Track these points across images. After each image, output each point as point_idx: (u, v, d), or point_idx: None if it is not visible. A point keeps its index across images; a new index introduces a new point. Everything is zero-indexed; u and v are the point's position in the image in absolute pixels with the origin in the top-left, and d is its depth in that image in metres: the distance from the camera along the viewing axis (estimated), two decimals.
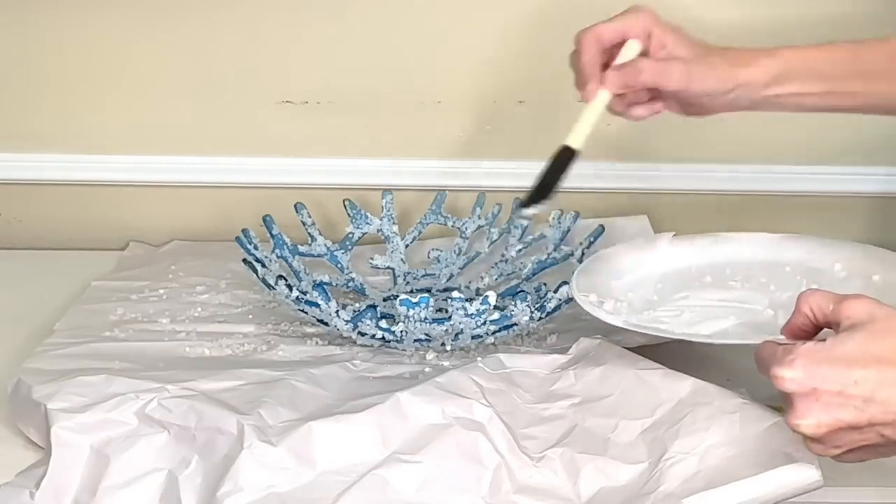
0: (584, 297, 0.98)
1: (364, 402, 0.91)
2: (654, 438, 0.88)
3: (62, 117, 1.33)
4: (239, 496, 0.83)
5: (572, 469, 0.87)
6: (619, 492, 0.85)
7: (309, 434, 0.87)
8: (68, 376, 0.93)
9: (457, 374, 0.95)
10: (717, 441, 0.86)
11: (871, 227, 1.38)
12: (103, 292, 1.17)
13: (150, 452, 0.87)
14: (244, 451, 0.86)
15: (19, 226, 1.37)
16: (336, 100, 1.32)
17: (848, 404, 0.74)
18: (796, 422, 0.75)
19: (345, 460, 0.87)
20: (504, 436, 0.89)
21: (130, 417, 0.89)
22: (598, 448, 0.89)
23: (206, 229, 1.34)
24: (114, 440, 0.87)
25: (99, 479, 0.85)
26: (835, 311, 0.78)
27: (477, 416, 0.90)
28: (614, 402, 0.92)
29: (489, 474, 0.87)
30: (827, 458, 0.79)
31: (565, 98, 1.30)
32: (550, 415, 0.93)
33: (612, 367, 0.95)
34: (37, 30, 1.30)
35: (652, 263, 1.08)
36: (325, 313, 1.02)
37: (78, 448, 0.87)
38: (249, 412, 0.89)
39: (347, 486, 0.85)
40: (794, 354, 0.75)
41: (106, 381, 0.92)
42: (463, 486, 0.86)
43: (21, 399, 0.94)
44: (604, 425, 0.90)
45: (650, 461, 0.86)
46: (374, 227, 1.22)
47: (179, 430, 0.88)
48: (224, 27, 1.30)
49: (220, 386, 0.94)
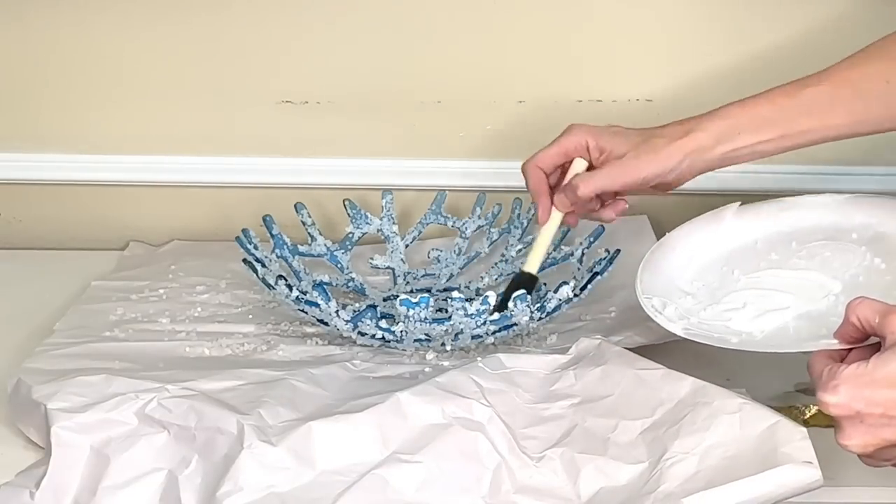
0: (647, 300, 0.98)
1: (364, 401, 0.91)
2: (654, 438, 0.88)
3: (62, 117, 1.33)
4: (239, 496, 0.83)
5: (572, 469, 0.87)
6: (619, 492, 0.85)
7: (309, 434, 0.87)
8: (68, 376, 0.93)
9: (457, 374, 0.95)
10: (717, 441, 0.86)
11: None
12: (103, 292, 1.17)
13: (150, 452, 0.87)
14: (244, 451, 0.86)
15: (19, 226, 1.37)
16: (336, 100, 1.32)
17: (892, 424, 0.76)
18: (845, 443, 0.78)
19: (345, 460, 0.87)
20: (504, 436, 0.89)
21: (130, 417, 0.89)
22: (598, 448, 0.89)
23: (206, 229, 1.34)
24: (114, 440, 0.87)
25: (99, 478, 0.85)
26: (881, 325, 0.79)
27: (477, 416, 0.90)
28: (614, 402, 0.92)
29: (489, 474, 0.87)
30: (822, 457, 0.81)
31: (565, 98, 1.30)
32: (550, 415, 0.93)
33: (612, 366, 0.95)
34: (37, 30, 1.30)
35: (718, 242, 1.07)
36: (325, 313, 1.02)
37: (78, 448, 0.87)
38: (249, 412, 0.89)
39: (347, 485, 0.85)
40: (837, 380, 0.77)
41: (106, 381, 0.92)
42: (463, 487, 0.86)
43: (21, 399, 0.94)
44: (604, 425, 0.90)
45: (650, 461, 0.86)
46: (374, 227, 1.22)
47: (179, 429, 0.88)
48: (224, 27, 1.30)
49: (220, 386, 0.94)
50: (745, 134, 1.00)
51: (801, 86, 1.00)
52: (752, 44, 1.29)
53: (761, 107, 1.00)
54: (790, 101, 1.00)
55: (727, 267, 1.04)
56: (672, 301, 0.99)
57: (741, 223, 1.08)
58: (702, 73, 1.30)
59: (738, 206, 1.09)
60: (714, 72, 1.29)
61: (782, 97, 1.00)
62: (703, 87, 1.22)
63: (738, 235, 1.07)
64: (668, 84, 1.30)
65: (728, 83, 1.03)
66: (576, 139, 1.04)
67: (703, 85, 1.25)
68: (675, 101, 1.22)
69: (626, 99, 1.31)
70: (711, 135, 1.00)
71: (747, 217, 1.09)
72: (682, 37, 1.30)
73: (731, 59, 1.29)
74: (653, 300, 0.98)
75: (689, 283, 1.03)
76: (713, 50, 1.29)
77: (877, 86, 0.99)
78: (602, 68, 1.31)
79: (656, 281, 1.01)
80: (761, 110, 1.00)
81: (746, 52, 1.28)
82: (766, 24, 1.28)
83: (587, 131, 1.04)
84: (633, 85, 1.31)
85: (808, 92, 0.99)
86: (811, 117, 1.00)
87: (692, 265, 1.05)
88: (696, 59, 1.30)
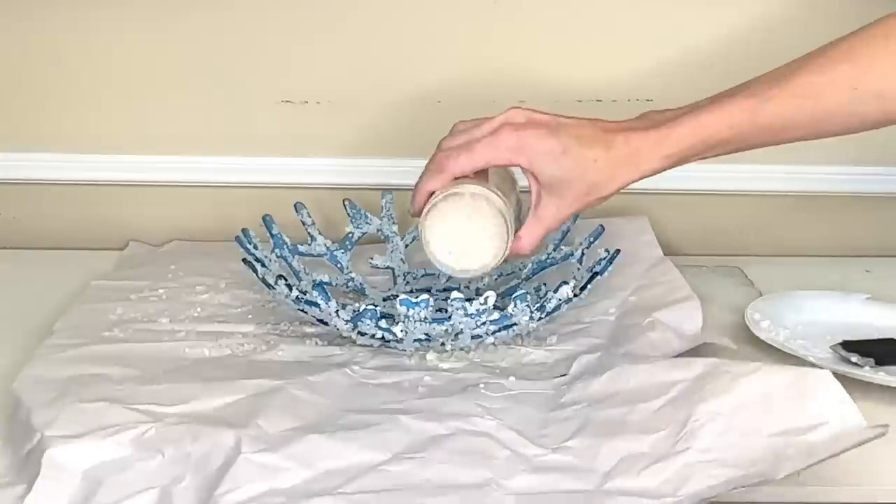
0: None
1: (364, 418, 0.91)
2: (675, 408, 0.88)
3: (62, 117, 1.33)
4: (238, 493, 0.82)
5: (590, 451, 0.87)
6: (642, 458, 0.85)
7: (309, 443, 0.87)
8: (66, 398, 0.91)
9: (458, 400, 0.95)
10: (743, 401, 0.86)
11: (871, 228, 1.38)
12: (103, 292, 1.16)
13: (144, 474, 0.84)
14: (241, 456, 0.85)
15: (19, 225, 1.36)
16: (336, 100, 1.32)
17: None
18: None
19: (346, 461, 0.86)
20: (514, 437, 0.89)
21: (126, 446, 0.86)
22: (616, 430, 0.88)
23: (206, 229, 1.34)
24: (106, 464, 0.84)
25: (89, 497, 0.82)
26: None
27: (482, 427, 0.90)
28: (626, 394, 0.92)
29: (502, 460, 0.86)
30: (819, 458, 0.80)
31: (565, 98, 1.30)
32: (562, 418, 0.92)
33: (619, 370, 0.95)
34: (37, 29, 1.30)
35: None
36: (325, 313, 1.02)
37: (69, 473, 0.83)
38: (247, 425, 0.89)
39: (350, 478, 0.84)
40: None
41: (104, 409, 0.90)
42: (474, 469, 0.85)
43: (18, 421, 0.91)
44: (618, 412, 0.90)
45: (674, 427, 0.86)
46: (374, 227, 1.22)
47: (175, 451, 0.86)
48: (224, 27, 1.30)
49: (220, 402, 0.93)
50: (697, 157, 0.98)
51: (762, 100, 0.96)
52: (752, 43, 1.29)
53: (718, 130, 0.96)
54: (750, 120, 0.96)
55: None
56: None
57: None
58: (702, 73, 1.30)
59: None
60: (714, 71, 1.29)
61: (741, 114, 0.96)
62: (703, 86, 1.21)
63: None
64: (668, 84, 1.30)
65: (728, 83, 1.02)
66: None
67: (703, 84, 1.24)
68: (674, 100, 1.21)
69: (626, 99, 1.31)
70: (663, 164, 0.98)
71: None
72: (682, 37, 1.30)
73: (732, 59, 1.29)
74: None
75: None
76: (713, 50, 1.29)
77: (843, 93, 0.95)
78: (602, 68, 1.31)
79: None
80: (717, 131, 0.96)
81: (747, 52, 1.28)
82: (767, 24, 1.28)
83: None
84: (633, 85, 1.31)
85: (769, 108, 0.96)
86: (771, 134, 0.97)
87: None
88: (697, 59, 1.30)
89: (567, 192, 0.97)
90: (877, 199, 1.37)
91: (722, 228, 1.38)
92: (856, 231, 1.38)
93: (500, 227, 0.98)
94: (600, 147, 0.97)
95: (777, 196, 1.37)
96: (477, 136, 0.99)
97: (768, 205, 1.37)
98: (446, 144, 1.01)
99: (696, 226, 1.37)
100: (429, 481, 0.83)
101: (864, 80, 0.94)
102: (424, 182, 1.00)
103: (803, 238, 1.38)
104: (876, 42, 0.95)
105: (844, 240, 1.38)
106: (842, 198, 1.37)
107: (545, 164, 0.97)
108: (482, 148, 0.98)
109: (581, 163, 0.96)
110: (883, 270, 1.31)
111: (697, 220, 1.37)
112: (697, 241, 1.37)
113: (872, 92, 0.94)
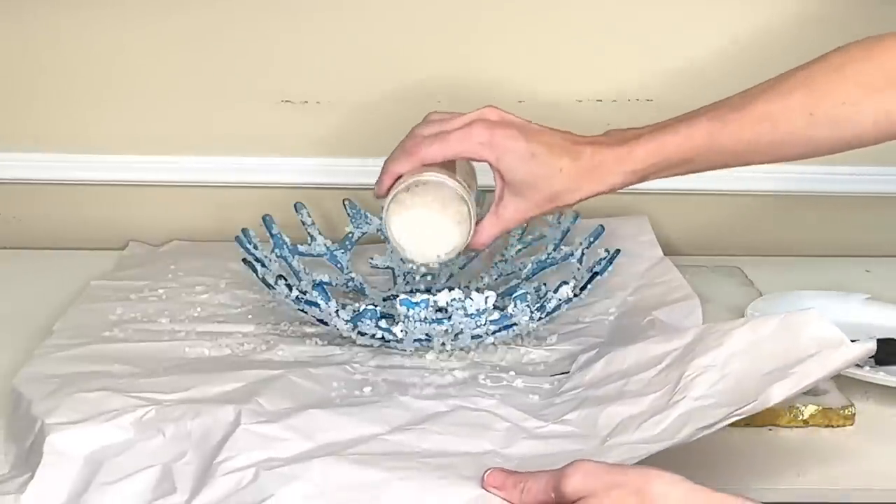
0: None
1: (363, 399, 0.93)
2: (669, 371, 0.90)
3: (61, 117, 1.33)
4: (237, 460, 0.82)
5: (590, 419, 0.89)
6: (640, 416, 0.87)
7: (308, 416, 0.88)
8: (67, 388, 0.92)
9: (458, 388, 0.97)
10: (734, 351, 0.88)
11: (871, 228, 1.38)
12: (103, 292, 1.16)
13: (145, 453, 0.85)
14: (241, 427, 0.86)
15: (18, 225, 1.36)
16: (336, 100, 1.32)
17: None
18: None
19: (347, 435, 0.87)
20: (515, 413, 0.91)
21: (127, 428, 0.87)
22: (613, 398, 0.90)
23: (206, 229, 1.34)
24: (108, 447, 0.85)
25: (89, 481, 0.82)
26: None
27: (482, 405, 0.92)
28: (622, 371, 0.94)
29: (502, 432, 0.88)
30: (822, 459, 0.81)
31: (565, 98, 1.30)
32: (561, 400, 0.94)
33: (613, 354, 0.97)
34: (36, 29, 1.30)
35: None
36: (325, 313, 1.02)
37: (70, 458, 0.84)
38: (248, 402, 0.89)
39: (350, 446, 0.85)
40: None
41: (104, 398, 0.90)
42: (473, 434, 0.87)
43: (20, 414, 0.92)
44: (615, 385, 0.92)
45: (669, 385, 0.88)
46: (373, 227, 1.22)
47: (176, 429, 0.87)
48: (224, 27, 1.30)
49: (219, 390, 0.93)
50: (660, 174, 1.00)
51: (721, 124, 0.97)
52: (751, 45, 1.29)
53: (679, 150, 0.98)
54: (709, 142, 0.97)
55: None
56: None
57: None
58: (702, 73, 1.30)
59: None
60: (714, 72, 1.29)
61: (701, 136, 0.97)
62: (702, 86, 1.21)
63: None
64: (669, 84, 1.30)
65: (727, 83, 1.02)
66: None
67: (703, 85, 1.25)
68: (675, 101, 1.21)
69: (626, 99, 1.31)
70: (627, 179, 0.99)
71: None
72: (682, 37, 1.30)
73: (731, 60, 1.29)
74: None
75: None
76: (713, 50, 1.30)
77: (799, 119, 0.96)
78: (602, 68, 1.31)
79: None
80: (678, 151, 0.98)
81: (746, 53, 1.28)
82: (766, 23, 1.28)
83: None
84: (633, 85, 1.31)
85: (728, 132, 0.97)
86: (731, 156, 0.98)
87: None
88: (697, 60, 1.30)
89: (531, 196, 0.99)
90: (877, 199, 1.37)
91: (722, 228, 1.38)
92: (856, 231, 1.38)
93: (464, 216, 1.00)
94: (568, 157, 0.99)
95: (777, 196, 1.37)
96: (450, 127, 1.01)
97: (768, 205, 1.37)
98: (419, 132, 1.03)
99: (696, 226, 1.37)
100: (427, 451, 0.85)
101: (819, 107, 0.96)
102: (393, 164, 1.02)
103: (803, 238, 1.38)
104: (833, 70, 0.96)
105: (844, 240, 1.38)
106: (842, 198, 1.37)
107: (513, 164, 0.99)
108: (454, 139, 0.99)
109: (548, 170, 0.99)
110: (883, 270, 1.31)
111: (697, 220, 1.37)
112: (697, 241, 1.37)
113: (828, 118, 0.96)
